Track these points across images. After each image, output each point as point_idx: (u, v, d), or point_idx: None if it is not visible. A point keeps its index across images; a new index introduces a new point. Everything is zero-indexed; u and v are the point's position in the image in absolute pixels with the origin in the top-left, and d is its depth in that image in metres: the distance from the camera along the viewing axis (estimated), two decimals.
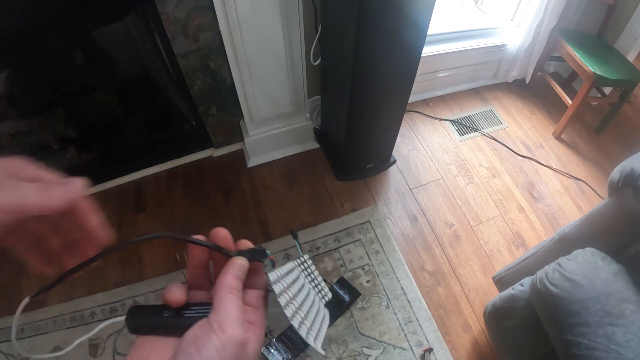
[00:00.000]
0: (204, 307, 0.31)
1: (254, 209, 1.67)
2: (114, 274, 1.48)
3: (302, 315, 0.34)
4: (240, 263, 0.32)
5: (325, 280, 1.43)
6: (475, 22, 2.14)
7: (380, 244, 1.57)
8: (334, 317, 1.39)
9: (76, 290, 1.44)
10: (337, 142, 1.69)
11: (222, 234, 0.34)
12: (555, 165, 1.92)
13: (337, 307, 1.41)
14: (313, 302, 0.38)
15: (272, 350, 1.31)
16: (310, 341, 0.33)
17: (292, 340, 1.33)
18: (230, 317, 0.28)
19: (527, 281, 1.04)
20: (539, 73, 2.17)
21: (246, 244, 0.35)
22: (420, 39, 1.25)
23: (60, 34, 1.32)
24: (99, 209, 0.30)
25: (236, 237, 0.35)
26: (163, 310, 0.31)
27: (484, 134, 2.03)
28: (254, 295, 0.34)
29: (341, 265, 1.51)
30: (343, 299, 1.42)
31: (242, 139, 1.78)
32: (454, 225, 1.67)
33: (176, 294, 0.31)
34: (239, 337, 0.28)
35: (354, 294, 1.44)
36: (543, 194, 1.81)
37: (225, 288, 0.30)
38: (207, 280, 0.35)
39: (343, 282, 1.47)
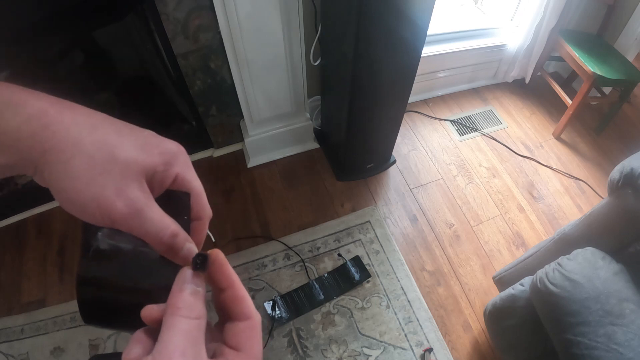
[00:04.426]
0: None
1: (254, 209, 1.67)
2: None
3: None
4: (183, 273, 0.25)
5: (340, 255, 1.52)
6: (475, 22, 2.14)
7: (381, 244, 1.57)
8: (341, 293, 1.44)
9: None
10: (337, 142, 1.69)
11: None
12: (555, 165, 1.92)
13: (346, 283, 1.46)
14: None
15: (276, 308, 1.38)
16: None
17: (294, 302, 1.41)
18: (168, 350, 0.21)
19: (527, 281, 1.04)
20: (539, 73, 2.17)
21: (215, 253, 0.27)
22: (420, 39, 1.25)
23: (60, 34, 1.32)
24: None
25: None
26: None
27: (483, 134, 2.03)
28: (236, 329, 0.25)
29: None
30: (353, 277, 1.47)
31: (242, 139, 1.78)
32: (454, 225, 1.67)
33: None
34: None
35: (365, 274, 1.48)
36: (543, 194, 1.81)
37: (168, 310, 0.23)
38: None
39: (357, 261, 1.51)
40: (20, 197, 1.59)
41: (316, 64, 1.53)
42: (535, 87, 2.25)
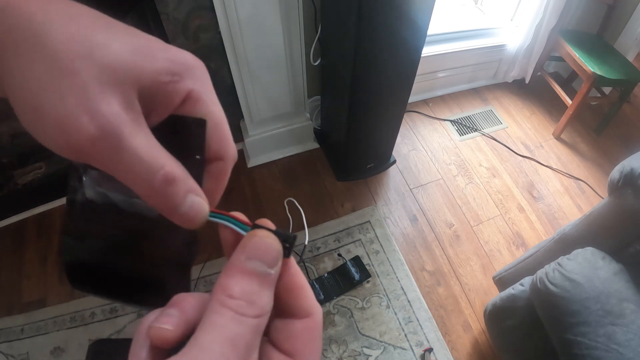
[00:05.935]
0: None
1: (254, 209, 1.67)
2: None
3: None
4: (252, 242, 0.18)
5: (340, 255, 1.52)
6: (475, 22, 2.14)
7: (381, 244, 1.57)
8: (341, 293, 1.45)
9: (76, 291, 1.43)
10: (337, 142, 1.69)
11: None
12: (555, 165, 1.92)
13: (346, 283, 1.46)
14: None
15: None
16: None
17: (324, 286, 1.45)
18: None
19: (527, 281, 1.04)
20: (539, 73, 2.17)
21: (266, 223, 0.20)
22: (420, 38, 1.25)
23: None
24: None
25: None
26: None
27: (483, 134, 2.03)
28: (291, 330, 0.18)
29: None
30: (353, 277, 1.47)
31: (242, 139, 1.78)
32: (454, 225, 1.67)
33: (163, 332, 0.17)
34: None
35: (365, 274, 1.48)
36: (543, 194, 1.81)
37: (215, 296, 0.16)
38: None
39: (357, 261, 1.51)
40: (20, 197, 1.59)
41: (316, 64, 1.53)
42: (535, 87, 2.25)
